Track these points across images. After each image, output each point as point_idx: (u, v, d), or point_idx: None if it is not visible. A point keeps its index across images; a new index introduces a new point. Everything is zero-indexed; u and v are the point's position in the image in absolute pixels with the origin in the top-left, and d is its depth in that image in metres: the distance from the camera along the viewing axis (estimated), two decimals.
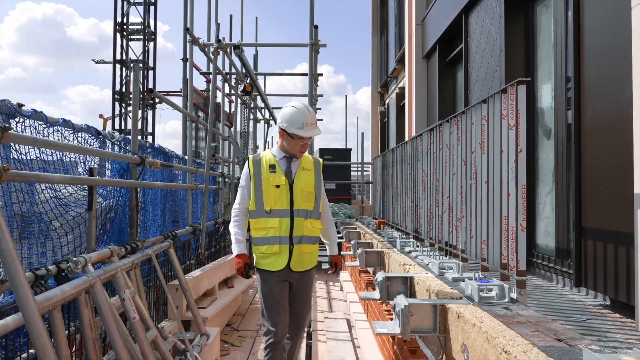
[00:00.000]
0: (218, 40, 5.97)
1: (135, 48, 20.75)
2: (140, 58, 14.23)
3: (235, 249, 2.93)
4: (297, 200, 2.86)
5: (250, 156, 3.03)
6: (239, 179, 10.30)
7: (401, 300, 2.57)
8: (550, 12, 4.49)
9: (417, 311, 2.54)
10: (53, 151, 3.02)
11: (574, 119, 3.71)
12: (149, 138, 14.34)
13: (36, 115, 2.91)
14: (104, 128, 19.86)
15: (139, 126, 13.61)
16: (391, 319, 3.03)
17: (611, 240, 3.19)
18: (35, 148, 2.78)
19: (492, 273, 3.14)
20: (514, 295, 2.63)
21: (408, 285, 3.32)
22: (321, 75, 8.60)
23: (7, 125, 2.07)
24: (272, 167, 2.91)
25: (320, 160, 3.06)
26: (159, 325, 3.88)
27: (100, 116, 20.06)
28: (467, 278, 2.93)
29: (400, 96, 12.19)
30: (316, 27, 5.66)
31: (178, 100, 18.34)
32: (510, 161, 2.75)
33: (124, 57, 14.12)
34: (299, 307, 3.01)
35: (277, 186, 2.86)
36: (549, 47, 4.53)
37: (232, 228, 2.97)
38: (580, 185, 3.61)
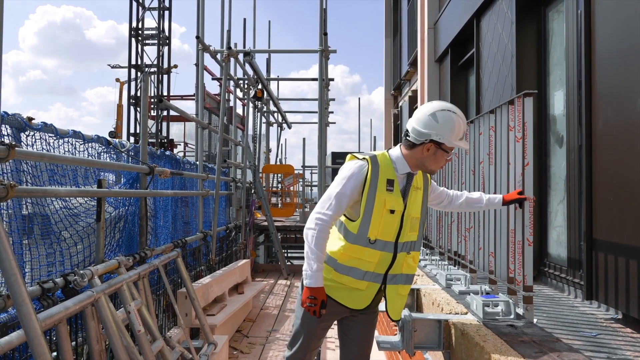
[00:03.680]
0: (229, 47, 6.02)
1: (151, 53, 20.83)
2: (155, 63, 14.38)
3: (311, 277, 2.09)
4: (404, 231, 2.17)
5: (367, 156, 2.18)
6: (250, 183, 10.40)
7: (405, 315, 2.55)
8: (563, 18, 4.42)
9: (421, 326, 2.52)
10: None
11: (585, 127, 3.64)
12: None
13: (46, 128, 2.96)
14: (121, 93, 19.68)
15: (154, 129, 13.77)
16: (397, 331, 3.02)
17: (622, 254, 3.12)
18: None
19: (500, 286, 3.10)
20: (520, 310, 2.59)
21: (414, 297, 3.30)
22: (332, 80, 8.61)
23: (13, 143, 2.11)
24: (389, 184, 2.14)
25: (429, 175, 2.37)
26: (167, 333, 3.92)
27: (117, 80, 20.11)
28: (472, 292, 2.90)
29: (413, 99, 12.12)
30: (325, 34, 5.67)
31: (192, 105, 18.44)
32: (517, 174, 2.71)
33: (139, 62, 14.29)
34: (363, 344, 2.34)
35: (391, 211, 2.13)
36: (561, 53, 4.46)
37: (312, 245, 2.10)
38: (591, 195, 3.54)
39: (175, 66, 15.40)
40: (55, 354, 2.34)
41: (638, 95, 2.99)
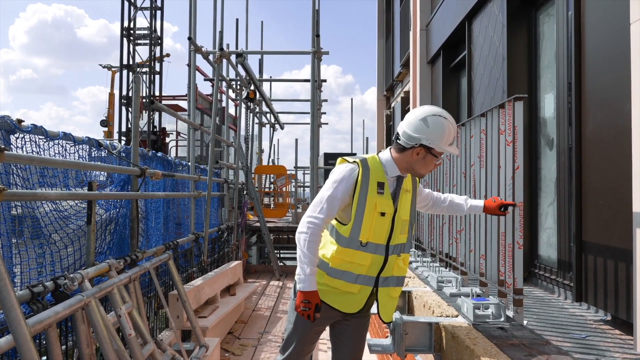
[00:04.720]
0: (221, 49, 6.00)
1: (143, 52, 20.75)
2: (147, 63, 14.30)
3: (304, 281, 2.09)
4: (395, 234, 2.19)
5: (358, 160, 2.20)
6: (243, 184, 10.38)
7: (396, 318, 2.56)
8: (553, 21, 4.45)
9: (412, 329, 2.53)
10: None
11: (575, 130, 3.68)
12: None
13: (36, 130, 2.94)
14: (112, 81, 19.70)
15: (147, 128, 13.68)
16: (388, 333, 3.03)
17: (611, 256, 3.15)
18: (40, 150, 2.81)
19: (491, 288, 3.12)
20: (510, 313, 2.61)
21: (406, 300, 3.31)
22: (325, 81, 8.61)
23: (2, 146, 2.10)
24: (380, 186, 2.16)
25: (417, 178, 2.38)
26: (158, 336, 3.90)
27: (109, 69, 20.10)
28: (463, 295, 2.91)
29: (406, 100, 12.15)
30: (318, 35, 5.67)
31: (184, 105, 18.33)
32: (508, 177, 2.73)
33: (131, 62, 14.19)
34: (355, 347, 2.35)
35: (382, 214, 2.15)
36: (551, 56, 4.50)
37: (304, 249, 2.10)
38: (580, 198, 3.57)
39: (168, 55, 15.30)
40: (45, 358, 2.32)
41: (627, 98, 3.02)
